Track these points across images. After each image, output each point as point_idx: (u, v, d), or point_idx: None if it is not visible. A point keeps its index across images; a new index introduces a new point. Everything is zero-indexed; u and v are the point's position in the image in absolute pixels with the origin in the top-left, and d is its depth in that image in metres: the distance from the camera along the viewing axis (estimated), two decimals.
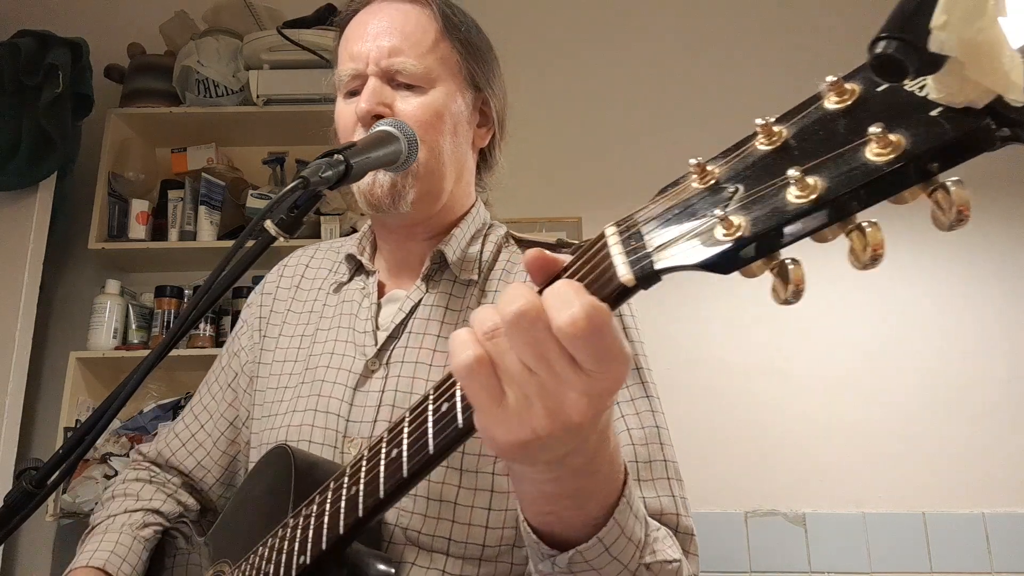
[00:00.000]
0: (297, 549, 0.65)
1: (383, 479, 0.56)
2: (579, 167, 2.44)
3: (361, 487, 0.58)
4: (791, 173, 0.35)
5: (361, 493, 0.58)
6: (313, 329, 0.94)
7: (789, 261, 0.36)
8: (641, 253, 0.41)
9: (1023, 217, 2.25)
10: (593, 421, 0.45)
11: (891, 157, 0.33)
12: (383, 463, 0.56)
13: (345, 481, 0.62)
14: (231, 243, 0.89)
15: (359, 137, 0.83)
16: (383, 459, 0.56)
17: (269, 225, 0.66)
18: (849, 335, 2.23)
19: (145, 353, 1.89)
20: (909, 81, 0.33)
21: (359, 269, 0.96)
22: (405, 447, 0.54)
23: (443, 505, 0.78)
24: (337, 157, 0.68)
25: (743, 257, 0.37)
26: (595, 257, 0.44)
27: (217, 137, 2.37)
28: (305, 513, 0.67)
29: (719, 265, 0.38)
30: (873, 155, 0.33)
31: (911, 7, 0.30)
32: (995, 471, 2.10)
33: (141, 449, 1.04)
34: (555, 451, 0.46)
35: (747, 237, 0.36)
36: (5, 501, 0.63)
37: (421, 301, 0.89)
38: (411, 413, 0.55)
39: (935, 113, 0.32)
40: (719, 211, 0.38)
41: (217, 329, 2.22)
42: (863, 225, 0.35)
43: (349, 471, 0.62)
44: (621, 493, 0.57)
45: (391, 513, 0.78)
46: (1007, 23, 0.30)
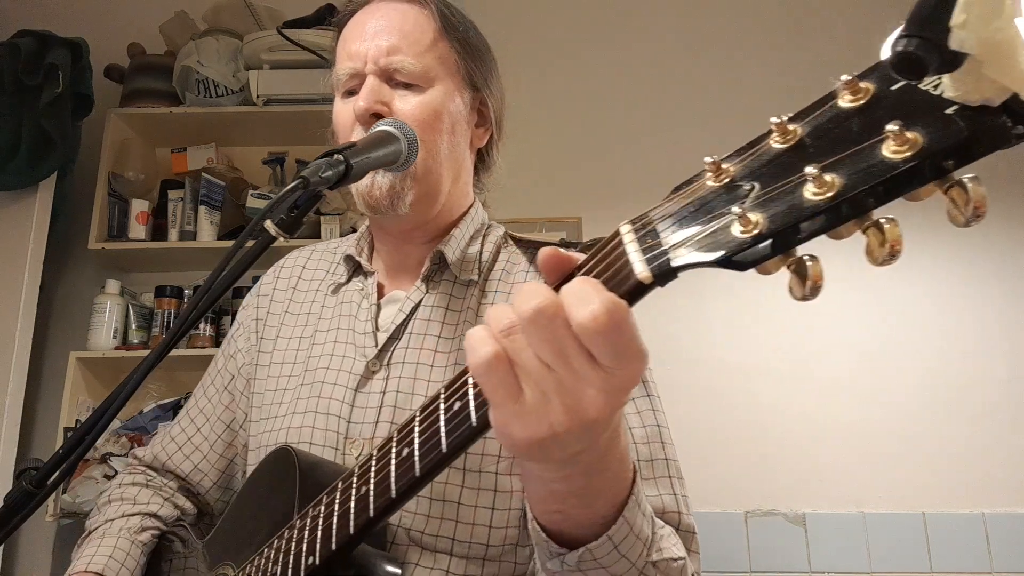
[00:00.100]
0: (305, 550, 0.65)
1: (394, 478, 0.55)
2: (579, 167, 2.44)
3: (371, 487, 0.58)
4: (809, 170, 0.35)
5: (372, 493, 0.58)
6: (311, 331, 0.94)
7: (807, 257, 0.37)
8: (658, 251, 0.41)
9: (1023, 217, 2.26)
10: (609, 418, 0.45)
11: (908, 154, 0.33)
12: (394, 462, 0.56)
13: (354, 481, 0.61)
14: (231, 243, 0.89)
15: (357, 136, 0.83)
16: (394, 458, 0.56)
17: (269, 225, 0.65)
18: (849, 335, 2.23)
19: (145, 353, 1.89)
20: (928, 79, 0.33)
21: (357, 270, 0.96)
22: (417, 446, 0.53)
23: (446, 505, 0.78)
24: (337, 157, 0.68)
25: (761, 254, 0.37)
26: (611, 255, 0.44)
27: (217, 137, 2.37)
28: (312, 514, 0.66)
29: (737, 262, 0.38)
30: (890, 152, 0.34)
31: (930, 7, 0.31)
32: (995, 471, 2.10)
33: (136, 453, 1.04)
34: (570, 448, 0.46)
35: (765, 234, 0.37)
36: (5, 501, 0.63)
37: (421, 302, 0.89)
38: (422, 412, 0.54)
39: (951, 111, 0.33)
40: (737, 208, 0.38)
41: (217, 329, 2.22)
42: (880, 222, 0.35)
43: (358, 471, 0.61)
44: (630, 491, 0.57)
45: (394, 514, 0.78)
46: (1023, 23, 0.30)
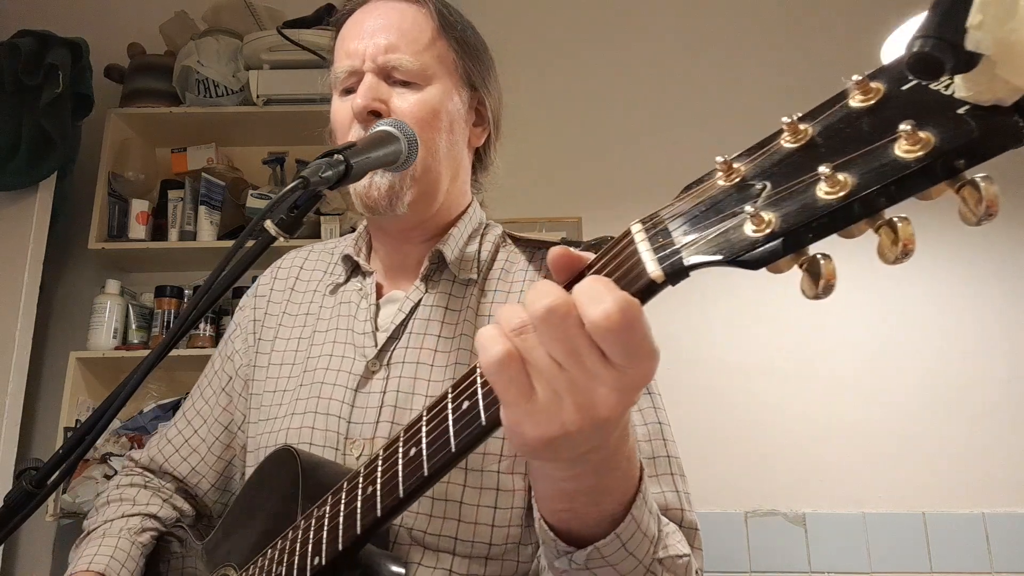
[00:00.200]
0: (311, 550, 0.65)
1: (402, 478, 0.55)
2: (579, 167, 2.44)
3: (378, 487, 0.58)
4: (822, 169, 0.36)
5: (379, 493, 0.58)
6: (310, 331, 0.94)
7: (820, 256, 0.37)
8: (670, 249, 0.41)
9: (1023, 217, 2.26)
10: (620, 416, 0.45)
11: (921, 154, 0.33)
12: (401, 462, 0.56)
13: (360, 481, 0.61)
14: (231, 243, 0.89)
15: (355, 135, 0.83)
16: (401, 458, 0.56)
17: (269, 225, 0.65)
18: (849, 335, 2.23)
19: (145, 353, 1.89)
20: (945, 79, 0.33)
21: (355, 270, 0.95)
22: (425, 446, 0.53)
23: (449, 504, 0.78)
24: (337, 157, 0.67)
25: (773, 253, 0.37)
26: (622, 254, 0.44)
27: (217, 137, 2.37)
28: (317, 515, 0.66)
29: (750, 261, 0.38)
30: (903, 152, 0.34)
31: (947, 7, 0.31)
32: (995, 471, 2.10)
33: (133, 455, 1.03)
34: (581, 447, 0.46)
35: (778, 232, 0.37)
36: (5, 501, 0.63)
37: (421, 301, 0.89)
38: (428, 412, 0.54)
39: (962, 111, 0.33)
40: (749, 207, 0.38)
41: (217, 329, 2.22)
42: (893, 220, 0.35)
43: (364, 471, 0.61)
44: (638, 489, 0.58)
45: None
46: None
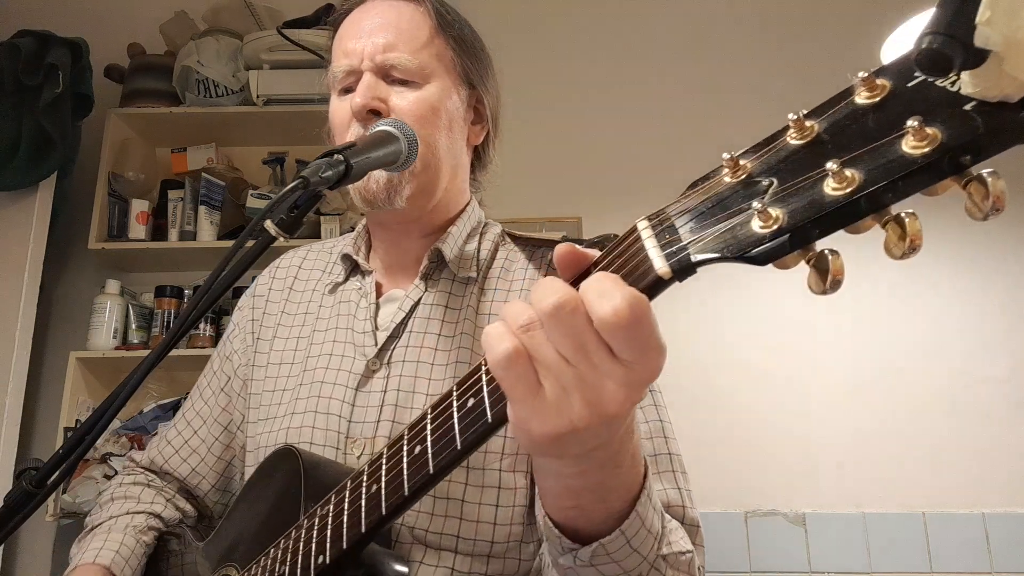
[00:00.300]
0: (315, 549, 0.64)
1: (407, 476, 0.55)
2: (579, 167, 2.44)
3: (383, 485, 0.58)
4: (830, 165, 0.36)
5: (383, 491, 0.58)
6: (309, 331, 0.93)
7: (828, 252, 0.37)
8: (677, 246, 0.41)
9: (1023, 217, 2.26)
10: (628, 412, 0.45)
11: (928, 150, 0.34)
12: (406, 460, 0.56)
13: (364, 480, 0.61)
14: (231, 243, 0.89)
15: (354, 134, 0.83)
16: (406, 456, 0.56)
17: (269, 225, 0.65)
18: (849, 335, 2.23)
19: (145, 353, 1.89)
20: (952, 75, 0.34)
21: (355, 269, 0.95)
22: (430, 443, 0.53)
23: (450, 503, 0.78)
24: (337, 157, 0.67)
25: (781, 249, 0.37)
26: (628, 251, 0.44)
27: (217, 137, 2.37)
28: (321, 513, 0.66)
29: (757, 257, 0.38)
30: (910, 147, 0.34)
31: (955, 5, 0.32)
32: (995, 471, 2.10)
33: (133, 456, 1.03)
34: (588, 443, 0.46)
35: (785, 228, 0.37)
36: (5, 501, 0.63)
37: (421, 300, 0.89)
38: (433, 410, 0.54)
39: (969, 107, 0.33)
40: (756, 203, 0.38)
41: (217, 329, 2.21)
42: (901, 216, 0.35)
43: (368, 469, 0.61)
44: (642, 486, 0.58)
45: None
46: None
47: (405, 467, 0.56)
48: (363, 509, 0.60)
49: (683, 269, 0.41)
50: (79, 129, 2.30)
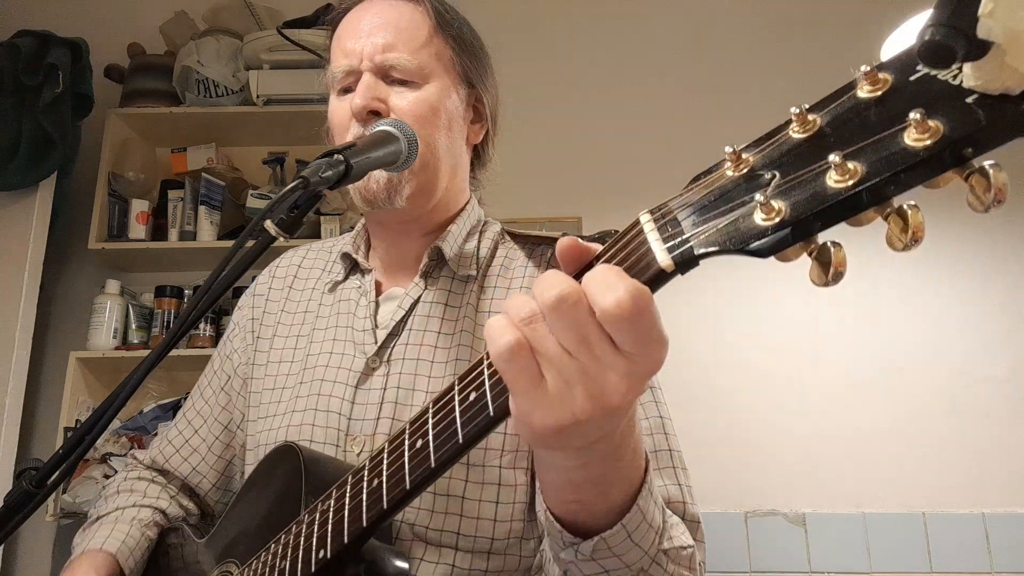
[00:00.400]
0: (315, 544, 0.64)
1: (408, 470, 0.55)
2: (579, 167, 2.44)
3: (384, 479, 0.58)
4: (832, 158, 0.36)
5: (384, 485, 0.58)
6: (309, 329, 0.94)
7: (831, 244, 0.37)
8: (680, 239, 0.41)
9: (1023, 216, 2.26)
10: (630, 405, 0.45)
11: (930, 142, 0.34)
12: (407, 454, 0.56)
13: (365, 474, 0.61)
14: (231, 243, 0.89)
15: (353, 134, 0.84)
16: (407, 450, 0.56)
17: (269, 225, 0.65)
18: (849, 335, 2.23)
19: (145, 353, 1.89)
20: (955, 67, 0.34)
21: (354, 268, 0.96)
22: (431, 437, 0.53)
23: (450, 500, 0.78)
24: (337, 157, 0.68)
25: (783, 241, 0.38)
26: (631, 244, 0.44)
27: (217, 137, 2.37)
28: (321, 508, 0.66)
29: (759, 250, 0.38)
30: (912, 140, 0.34)
31: None
32: (995, 471, 2.10)
33: (136, 455, 1.03)
34: (590, 435, 0.46)
35: (788, 220, 0.37)
36: (5, 501, 0.63)
37: (420, 298, 0.89)
38: (435, 405, 0.54)
39: (970, 100, 0.33)
40: (759, 196, 0.38)
41: (217, 329, 2.22)
42: (903, 208, 0.36)
43: (369, 464, 0.61)
44: (643, 480, 0.58)
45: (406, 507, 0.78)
46: None
47: (407, 461, 0.56)
48: (364, 503, 0.60)
49: (685, 262, 0.41)
50: (79, 129, 2.30)
